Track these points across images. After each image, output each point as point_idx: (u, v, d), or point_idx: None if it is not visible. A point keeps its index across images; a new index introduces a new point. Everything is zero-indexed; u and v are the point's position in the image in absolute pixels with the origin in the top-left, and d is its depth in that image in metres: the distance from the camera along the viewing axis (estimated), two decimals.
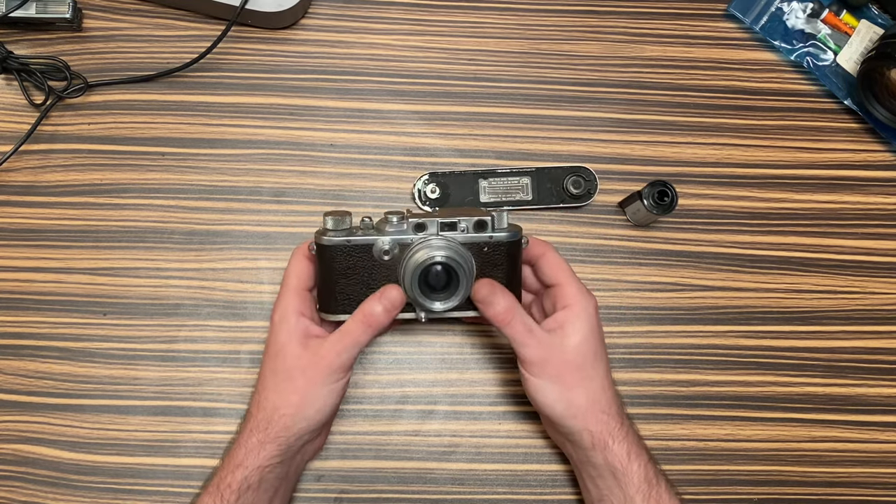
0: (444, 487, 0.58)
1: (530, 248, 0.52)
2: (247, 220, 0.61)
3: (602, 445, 0.49)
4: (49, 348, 0.58)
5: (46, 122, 0.61)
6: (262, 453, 0.48)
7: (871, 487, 0.60)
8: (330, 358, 0.48)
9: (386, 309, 0.48)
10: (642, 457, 0.49)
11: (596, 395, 0.50)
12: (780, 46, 0.64)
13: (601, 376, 0.50)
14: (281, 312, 0.50)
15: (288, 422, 0.48)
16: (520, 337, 0.49)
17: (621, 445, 0.49)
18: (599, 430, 0.49)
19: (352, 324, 0.48)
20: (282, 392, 0.48)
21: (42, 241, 0.60)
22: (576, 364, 0.49)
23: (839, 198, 0.63)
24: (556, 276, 0.51)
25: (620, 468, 0.49)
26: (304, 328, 0.49)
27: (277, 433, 0.48)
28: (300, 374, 0.48)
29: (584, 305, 0.50)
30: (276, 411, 0.48)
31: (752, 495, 0.59)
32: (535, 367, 0.49)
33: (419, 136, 0.62)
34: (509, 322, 0.49)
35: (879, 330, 0.62)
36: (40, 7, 0.60)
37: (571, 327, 0.49)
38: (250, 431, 0.48)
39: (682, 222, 0.62)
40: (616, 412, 0.50)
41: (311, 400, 0.48)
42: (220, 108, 0.62)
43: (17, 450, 0.57)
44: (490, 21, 0.64)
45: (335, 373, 0.48)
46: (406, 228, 0.49)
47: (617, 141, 0.63)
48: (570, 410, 0.49)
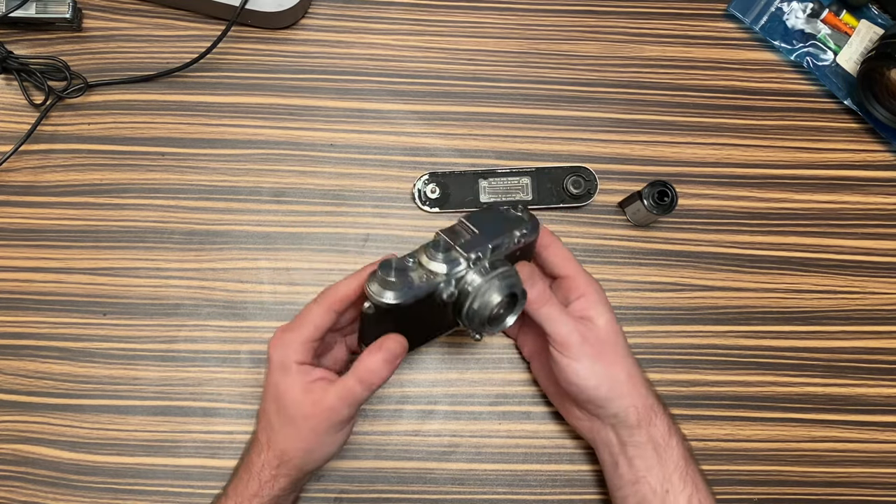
0: (444, 487, 0.58)
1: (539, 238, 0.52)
2: (247, 220, 0.61)
3: (647, 421, 0.49)
4: (49, 348, 0.58)
5: (46, 122, 0.61)
6: (276, 485, 0.49)
7: (871, 487, 0.60)
8: (332, 413, 0.47)
9: (387, 360, 0.46)
10: (678, 433, 0.50)
11: (634, 372, 0.50)
12: (780, 46, 0.64)
13: (631, 354, 0.51)
14: (282, 357, 0.48)
15: (298, 463, 0.49)
16: (557, 315, 0.49)
17: (662, 421, 0.49)
18: (644, 406, 0.49)
19: (352, 381, 0.47)
20: (289, 438, 0.48)
21: (42, 241, 0.60)
22: (611, 342, 0.50)
23: (839, 198, 0.63)
24: (565, 268, 0.52)
25: (662, 443, 0.49)
26: (305, 375, 0.48)
27: (288, 472, 0.49)
28: (304, 424, 0.48)
29: (598, 292, 0.51)
30: (286, 454, 0.49)
31: (752, 495, 0.59)
32: (574, 348, 0.49)
33: (419, 136, 0.62)
34: (547, 301, 0.49)
35: (879, 330, 0.62)
36: (40, 7, 0.60)
37: (595, 311, 0.50)
38: (262, 466, 0.49)
39: (682, 222, 0.62)
40: (650, 388, 0.51)
41: (318, 447, 0.49)
42: (220, 108, 0.62)
43: (17, 450, 0.57)
44: (490, 21, 0.64)
45: (337, 424, 0.48)
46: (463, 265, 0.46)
47: (617, 141, 0.63)
48: (616, 389, 0.49)
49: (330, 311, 0.48)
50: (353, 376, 0.46)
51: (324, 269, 0.60)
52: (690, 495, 0.49)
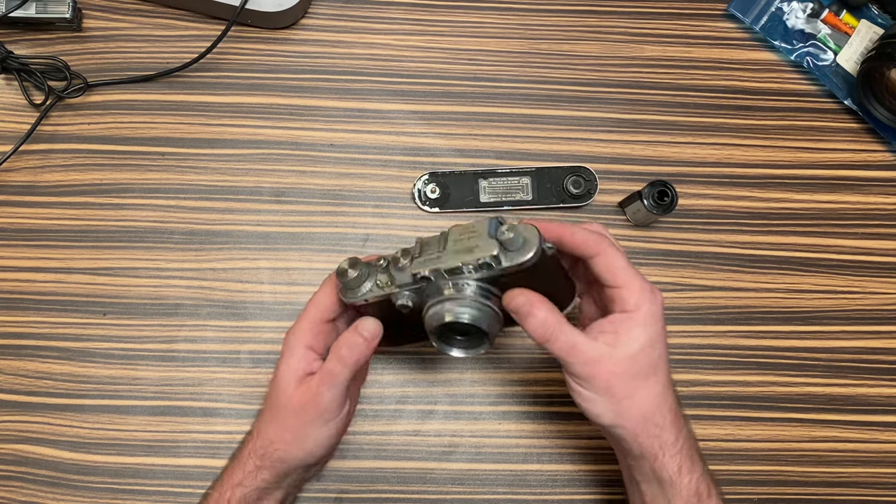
0: (444, 487, 0.58)
1: (579, 247, 0.46)
2: (247, 220, 0.61)
3: (652, 458, 0.45)
4: (49, 348, 0.58)
5: (46, 122, 0.61)
6: (259, 476, 0.48)
7: (871, 487, 0.60)
8: (316, 400, 0.47)
9: (365, 339, 0.46)
10: (695, 471, 0.46)
11: (649, 407, 0.45)
12: (780, 46, 0.64)
13: (658, 385, 0.46)
14: (290, 342, 0.49)
15: (282, 455, 0.48)
16: (563, 355, 0.44)
17: (673, 459, 0.45)
18: (650, 444, 0.45)
19: (330, 363, 0.47)
20: (277, 428, 0.48)
21: (42, 241, 0.60)
22: (629, 374, 0.45)
23: (839, 198, 0.63)
24: (613, 279, 0.46)
25: (668, 480, 0.45)
26: (307, 364, 0.48)
27: (272, 463, 0.48)
28: (292, 414, 0.47)
29: (645, 312, 0.45)
30: (272, 444, 0.48)
31: (752, 495, 0.59)
32: (582, 381, 0.45)
33: (419, 136, 0.62)
34: (549, 339, 0.44)
35: (879, 330, 0.62)
36: (40, 7, 0.60)
37: (627, 335, 0.44)
38: (248, 455, 0.49)
39: (682, 222, 0.62)
40: (671, 422, 0.46)
41: (303, 439, 0.48)
42: (220, 108, 0.62)
43: (17, 450, 0.57)
44: (490, 21, 0.64)
45: (324, 414, 0.47)
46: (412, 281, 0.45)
47: (617, 141, 0.63)
48: (619, 421, 0.45)
49: (331, 290, 0.49)
50: (331, 357, 0.47)
51: (324, 269, 0.60)
52: None
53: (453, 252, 0.44)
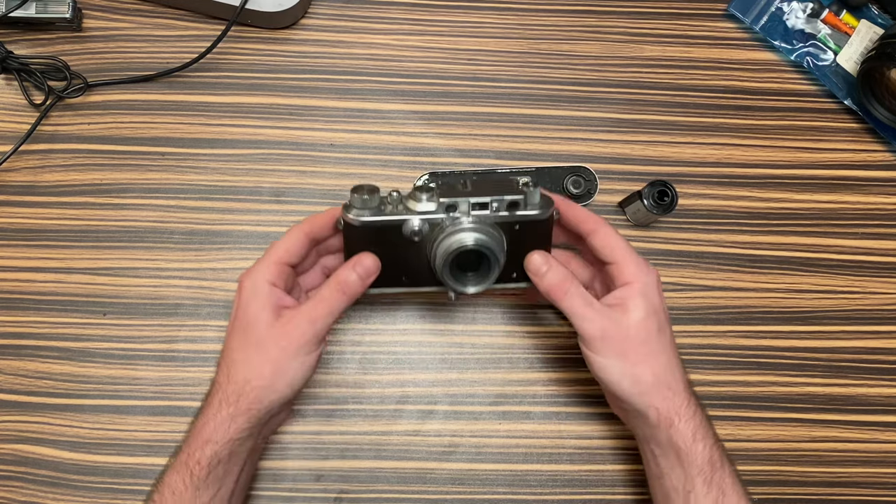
0: (444, 487, 0.58)
1: (580, 223, 0.50)
2: (247, 220, 0.61)
3: (668, 423, 0.47)
4: (49, 348, 0.58)
5: (46, 122, 0.61)
6: (233, 426, 0.46)
7: (871, 487, 0.60)
8: (304, 327, 0.47)
9: (360, 276, 0.47)
10: (708, 438, 0.48)
11: (662, 371, 0.48)
12: (780, 46, 0.64)
13: (667, 351, 0.49)
14: (252, 280, 0.48)
15: (260, 394, 0.47)
16: (578, 310, 0.47)
17: (687, 424, 0.47)
18: (666, 408, 0.48)
19: (326, 291, 0.47)
20: (254, 364, 0.47)
21: (42, 241, 0.60)
22: (639, 339, 0.47)
23: (839, 198, 0.63)
24: (611, 254, 0.49)
25: (684, 448, 0.47)
26: (277, 298, 0.48)
27: (249, 405, 0.47)
28: (273, 345, 0.47)
29: (644, 281, 0.48)
30: (248, 384, 0.47)
31: (752, 495, 0.59)
32: (597, 343, 0.47)
33: (419, 136, 0.62)
34: (566, 293, 0.47)
35: (879, 330, 0.62)
36: (40, 7, 0.60)
37: (632, 303, 0.48)
38: (219, 404, 0.47)
39: (682, 222, 0.62)
40: (683, 389, 0.48)
41: (284, 371, 0.47)
42: (220, 108, 0.62)
43: (17, 450, 0.57)
44: (490, 21, 0.64)
45: (309, 343, 0.47)
46: (436, 208, 0.48)
47: (617, 141, 0.63)
48: (637, 388, 0.48)
49: (300, 233, 0.49)
50: (327, 287, 0.47)
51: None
52: (716, 499, 0.47)
53: (480, 191, 0.48)
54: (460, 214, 0.48)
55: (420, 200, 0.48)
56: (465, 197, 0.48)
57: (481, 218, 0.48)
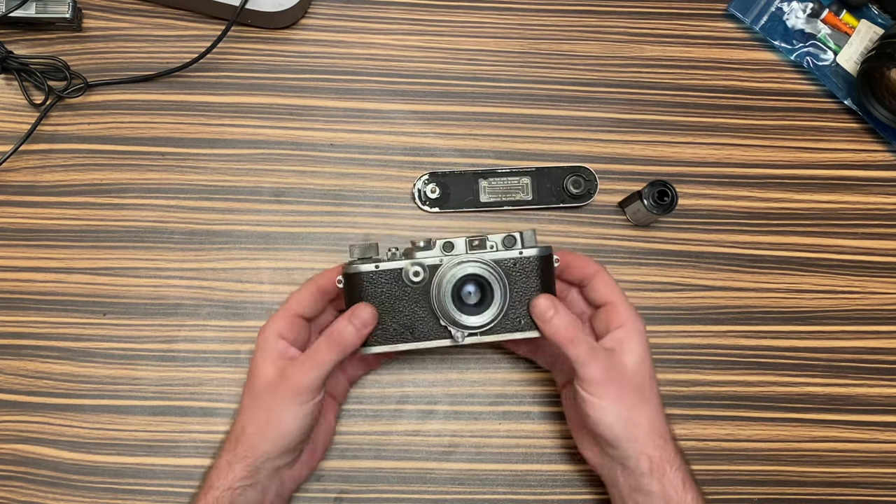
0: (444, 487, 0.58)
1: (582, 267, 0.52)
2: (247, 220, 0.61)
3: (660, 472, 0.47)
4: (49, 348, 0.58)
5: (46, 122, 0.61)
6: (231, 474, 0.47)
7: (871, 487, 0.60)
8: (297, 378, 0.47)
9: (356, 328, 0.47)
10: (695, 488, 0.48)
11: (655, 419, 0.48)
12: (780, 46, 0.64)
13: (657, 399, 0.49)
14: (264, 333, 0.50)
15: (255, 441, 0.47)
16: (584, 356, 0.47)
17: (677, 474, 0.47)
18: (658, 457, 0.47)
19: (320, 344, 0.48)
20: (251, 412, 0.48)
21: (42, 241, 0.60)
22: (635, 384, 0.48)
23: (839, 198, 0.63)
24: (608, 296, 0.51)
25: (675, 497, 0.47)
26: (281, 350, 0.49)
27: (245, 452, 0.47)
28: (268, 395, 0.48)
29: (637, 326, 0.50)
30: (244, 430, 0.48)
31: (752, 495, 0.59)
32: (595, 387, 0.47)
33: (419, 136, 0.62)
34: (573, 339, 0.47)
35: (879, 330, 0.62)
36: (40, 7, 0.60)
37: (629, 346, 0.49)
38: (222, 451, 0.49)
39: (682, 222, 0.62)
40: (670, 438, 0.49)
41: (277, 420, 0.47)
42: (220, 108, 0.62)
43: (17, 450, 0.57)
44: (490, 21, 0.64)
45: (301, 394, 0.47)
46: (434, 250, 0.50)
47: (617, 141, 0.63)
48: (631, 433, 0.48)
49: (313, 286, 0.50)
50: (321, 339, 0.48)
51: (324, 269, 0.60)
52: None
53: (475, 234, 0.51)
54: (458, 252, 0.50)
55: (417, 248, 0.50)
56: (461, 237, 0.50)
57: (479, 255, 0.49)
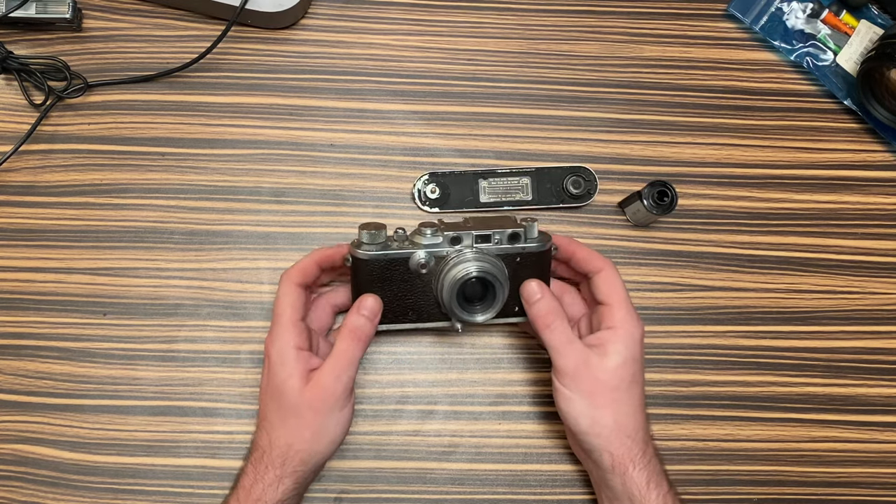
0: (444, 487, 0.58)
1: (587, 261, 0.52)
2: (247, 220, 0.61)
3: (622, 470, 0.48)
4: (49, 348, 0.58)
5: (46, 122, 0.61)
6: (281, 488, 0.48)
7: (871, 487, 0.60)
8: (332, 386, 0.48)
9: (368, 318, 0.49)
10: (662, 486, 0.49)
11: (623, 419, 0.49)
12: (780, 46, 0.64)
13: (633, 401, 0.50)
14: (278, 349, 0.50)
15: (304, 457, 0.49)
16: (558, 344, 0.49)
17: (641, 473, 0.48)
18: (621, 454, 0.48)
19: (342, 343, 0.49)
20: (292, 429, 0.49)
21: (42, 241, 0.60)
22: (610, 384, 0.49)
23: (839, 198, 0.63)
24: (608, 296, 0.51)
25: (638, 496, 0.48)
26: (304, 363, 0.49)
27: (294, 468, 0.49)
28: (307, 410, 0.48)
29: (629, 331, 0.50)
30: (291, 448, 0.48)
31: (752, 495, 0.59)
32: (568, 379, 0.49)
33: (419, 136, 0.62)
34: (549, 325, 0.49)
35: (879, 330, 0.62)
36: (40, 7, 0.60)
37: (613, 348, 0.49)
38: (266, 468, 0.49)
39: (682, 222, 0.62)
40: (641, 438, 0.49)
41: (323, 433, 0.49)
42: (220, 108, 0.62)
43: (17, 450, 0.57)
44: (489, 21, 0.64)
45: (339, 400, 0.49)
46: (441, 241, 0.50)
47: (617, 141, 0.63)
48: (595, 429, 0.49)
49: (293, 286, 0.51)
50: (341, 339, 0.49)
51: None
52: None
53: (482, 226, 0.51)
54: (464, 247, 0.50)
55: (425, 235, 0.50)
56: (468, 230, 0.50)
57: (484, 249, 0.50)
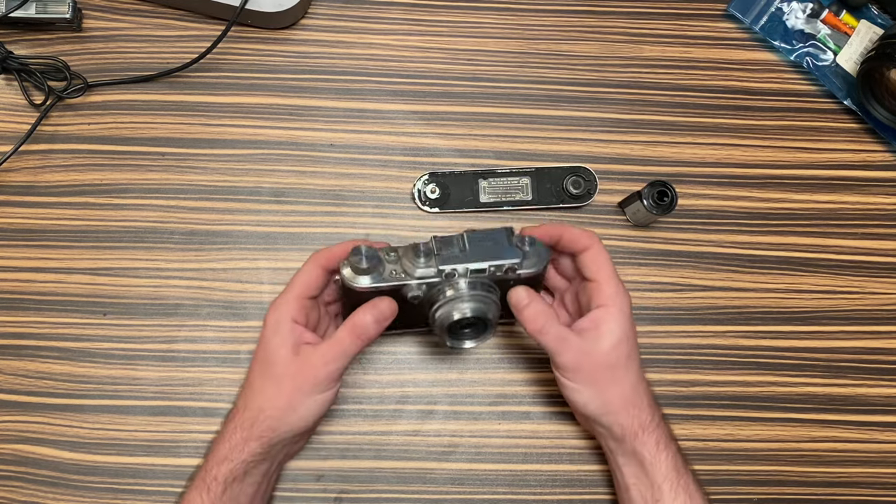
0: (443, 487, 0.58)
1: (575, 241, 0.52)
2: (247, 220, 0.61)
3: (633, 436, 0.50)
4: (49, 348, 0.58)
5: (46, 122, 0.61)
6: (247, 449, 0.48)
7: (871, 487, 0.60)
8: (318, 367, 0.48)
9: (377, 320, 0.49)
10: (671, 447, 0.50)
11: (629, 393, 0.50)
12: (780, 46, 0.64)
13: (633, 374, 0.51)
14: (276, 316, 0.50)
15: (272, 423, 0.49)
16: (553, 345, 0.50)
17: (651, 436, 0.50)
18: (630, 423, 0.50)
19: (342, 333, 0.49)
20: (269, 396, 0.49)
21: (42, 241, 0.60)
22: (609, 365, 0.50)
23: (839, 198, 0.63)
24: (596, 273, 0.51)
25: (649, 457, 0.50)
26: (298, 335, 0.49)
27: (261, 433, 0.49)
28: (289, 381, 0.48)
29: (619, 306, 0.50)
30: (262, 412, 0.49)
31: (752, 495, 0.59)
32: (570, 373, 0.50)
33: (419, 136, 0.62)
34: (541, 329, 0.49)
35: (879, 330, 0.62)
36: (40, 7, 0.60)
37: (606, 327, 0.50)
38: (234, 428, 0.49)
39: (682, 222, 0.62)
40: (647, 405, 0.51)
41: (296, 406, 0.49)
42: (220, 108, 0.62)
43: (17, 450, 0.57)
44: (489, 21, 0.64)
45: (322, 382, 0.49)
46: (434, 273, 0.49)
47: (616, 141, 0.63)
48: (604, 409, 0.50)
49: (317, 266, 0.50)
50: (343, 329, 0.49)
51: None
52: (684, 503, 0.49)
53: (478, 255, 0.49)
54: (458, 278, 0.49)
55: (419, 266, 0.48)
56: (464, 263, 0.48)
57: (478, 279, 0.49)
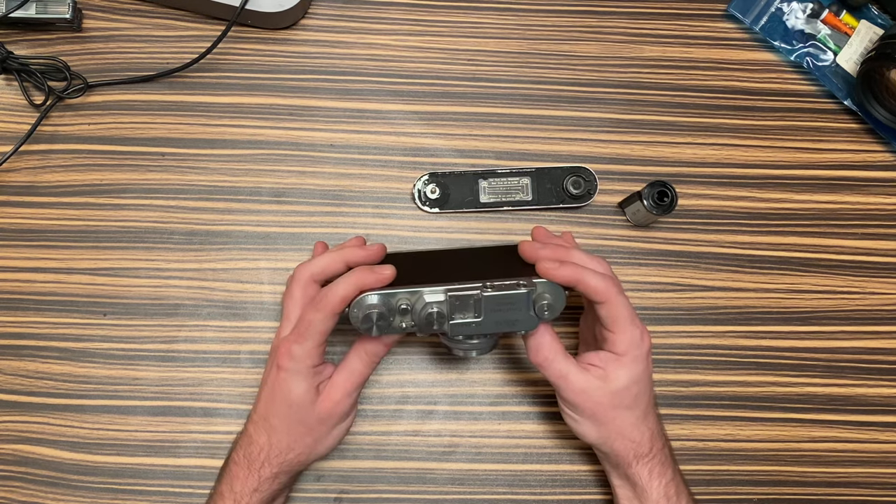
0: (444, 487, 0.58)
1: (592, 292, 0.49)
2: (247, 220, 0.61)
3: (626, 465, 0.51)
4: (49, 348, 0.58)
5: (46, 123, 0.61)
6: (276, 482, 0.50)
7: (871, 487, 0.60)
8: (342, 401, 0.50)
9: (386, 344, 0.50)
10: (665, 475, 0.51)
11: (629, 428, 0.51)
12: (780, 47, 0.64)
13: (638, 411, 0.51)
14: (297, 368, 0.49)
15: (304, 458, 0.51)
16: (556, 379, 0.50)
17: (644, 466, 0.51)
18: (626, 454, 0.51)
19: (356, 364, 0.50)
20: (296, 436, 0.50)
21: (42, 241, 0.60)
22: (612, 405, 0.50)
23: (839, 198, 0.63)
24: (612, 325, 0.50)
25: (641, 484, 0.51)
26: (317, 376, 0.50)
27: (291, 467, 0.50)
28: (316, 422, 0.50)
29: (633, 356, 0.50)
30: (292, 451, 0.50)
31: (752, 495, 0.59)
32: (570, 406, 0.51)
33: (419, 136, 0.62)
34: (542, 363, 0.50)
35: (879, 330, 0.62)
36: (40, 7, 0.60)
37: (614, 374, 0.50)
38: (262, 465, 0.50)
39: (682, 222, 0.62)
40: (648, 438, 0.51)
41: (324, 439, 0.51)
42: (220, 108, 0.62)
43: (17, 450, 0.57)
44: (489, 21, 0.64)
45: (347, 412, 0.51)
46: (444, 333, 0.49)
47: (616, 141, 0.63)
48: (601, 440, 0.51)
49: (333, 317, 0.49)
50: (356, 359, 0.50)
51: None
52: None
53: (493, 321, 0.48)
54: None
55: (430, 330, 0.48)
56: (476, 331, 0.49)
57: None
